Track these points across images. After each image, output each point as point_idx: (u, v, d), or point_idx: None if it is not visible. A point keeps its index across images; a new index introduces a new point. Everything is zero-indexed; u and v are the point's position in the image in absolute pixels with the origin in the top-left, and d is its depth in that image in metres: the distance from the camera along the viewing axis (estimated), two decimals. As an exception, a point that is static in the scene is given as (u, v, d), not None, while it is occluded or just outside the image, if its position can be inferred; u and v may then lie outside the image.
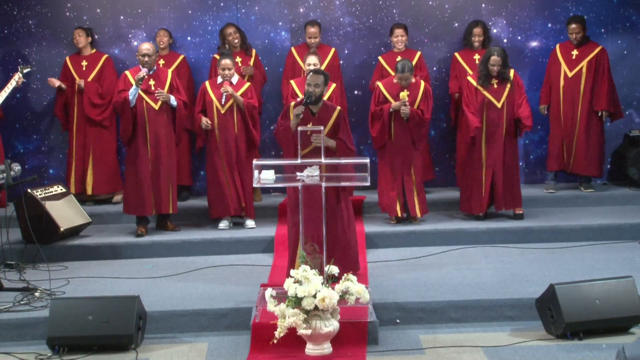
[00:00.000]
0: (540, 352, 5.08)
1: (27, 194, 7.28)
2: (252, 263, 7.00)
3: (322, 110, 6.21)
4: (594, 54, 8.50)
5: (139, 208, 7.54)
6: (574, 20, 8.54)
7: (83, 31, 8.74)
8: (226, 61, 7.67)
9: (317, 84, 6.09)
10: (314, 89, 6.09)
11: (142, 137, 7.46)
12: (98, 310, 5.30)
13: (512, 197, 7.74)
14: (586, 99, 8.51)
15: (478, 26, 8.68)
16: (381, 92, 7.67)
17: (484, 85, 7.61)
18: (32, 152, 9.20)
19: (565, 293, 5.28)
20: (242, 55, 8.60)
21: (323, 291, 5.00)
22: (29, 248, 7.03)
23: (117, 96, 7.50)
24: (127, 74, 7.56)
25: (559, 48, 8.63)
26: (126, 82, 7.49)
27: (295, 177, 5.67)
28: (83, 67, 8.72)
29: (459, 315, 5.69)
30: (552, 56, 8.68)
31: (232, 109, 7.68)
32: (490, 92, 7.61)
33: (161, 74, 7.62)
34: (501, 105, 7.59)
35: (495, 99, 7.60)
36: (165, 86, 7.53)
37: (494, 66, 7.53)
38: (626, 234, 7.43)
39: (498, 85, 7.61)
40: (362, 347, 5.25)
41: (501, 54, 7.53)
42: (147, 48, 7.49)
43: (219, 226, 7.78)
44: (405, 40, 8.58)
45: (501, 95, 7.60)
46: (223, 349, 5.34)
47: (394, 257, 7.03)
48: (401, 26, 8.59)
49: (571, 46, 8.58)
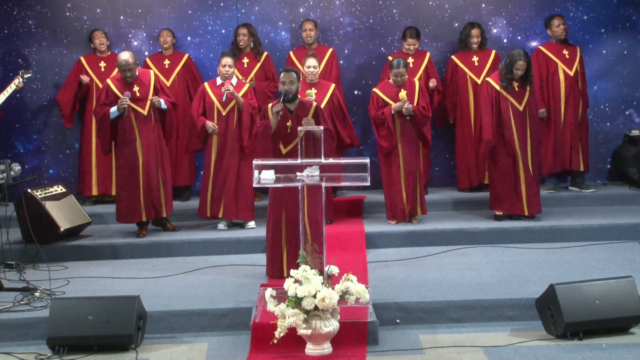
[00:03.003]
0: (540, 352, 5.08)
1: (27, 194, 7.29)
2: (252, 263, 6.99)
3: (299, 107, 6.40)
4: (580, 53, 8.59)
5: (130, 216, 7.50)
6: (556, 16, 8.62)
7: (103, 33, 8.79)
8: (226, 59, 7.67)
9: (292, 81, 6.28)
10: (290, 87, 6.27)
11: (133, 143, 7.39)
12: (98, 310, 5.30)
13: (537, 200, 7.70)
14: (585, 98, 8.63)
15: (475, 27, 8.69)
16: (379, 97, 7.67)
17: (506, 88, 7.58)
18: (32, 152, 9.20)
19: (565, 293, 5.28)
20: (251, 57, 8.61)
21: (323, 291, 5.00)
22: (29, 248, 7.03)
23: (99, 108, 7.38)
24: (109, 84, 7.41)
25: (546, 49, 8.61)
26: (109, 93, 7.36)
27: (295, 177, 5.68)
28: (101, 68, 8.72)
29: (459, 315, 5.69)
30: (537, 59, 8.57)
31: (234, 111, 7.66)
32: (512, 95, 7.57)
33: (144, 78, 7.46)
34: (523, 109, 7.56)
35: (518, 103, 7.57)
36: (150, 89, 7.45)
37: (519, 70, 7.48)
38: (626, 234, 7.43)
39: (519, 88, 7.58)
40: (362, 347, 5.25)
41: (527, 59, 7.48)
42: (127, 61, 7.26)
43: (218, 226, 7.78)
44: (417, 48, 8.63)
45: (522, 98, 7.57)
46: (223, 349, 5.34)
47: (394, 257, 7.03)
48: (414, 34, 8.58)
49: (557, 46, 8.57)
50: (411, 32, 8.61)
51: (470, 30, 8.69)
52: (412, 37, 8.56)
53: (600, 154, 9.21)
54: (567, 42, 8.62)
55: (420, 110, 7.57)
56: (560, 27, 8.54)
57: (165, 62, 8.64)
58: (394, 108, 7.55)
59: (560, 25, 8.54)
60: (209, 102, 7.69)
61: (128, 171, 7.42)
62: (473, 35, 8.66)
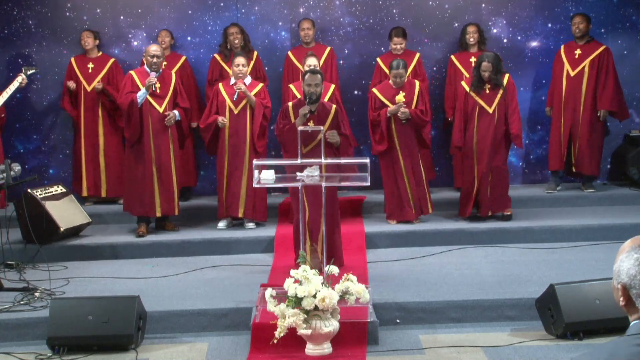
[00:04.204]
0: (540, 352, 5.08)
1: (27, 194, 7.28)
2: (252, 263, 6.99)
3: (320, 109, 6.44)
4: (597, 53, 8.49)
5: (142, 209, 7.52)
6: (578, 14, 8.60)
7: (91, 33, 8.74)
8: (239, 59, 7.67)
9: (317, 83, 6.33)
10: (315, 89, 6.32)
11: (146, 138, 7.45)
12: (98, 310, 5.30)
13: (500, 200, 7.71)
14: (588, 98, 8.50)
15: (472, 25, 8.71)
16: (377, 98, 7.67)
17: (476, 90, 7.60)
18: (32, 152, 9.19)
19: (565, 293, 5.28)
20: None
21: (323, 291, 5.00)
22: (29, 248, 7.04)
23: (124, 97, 7.44)
24: (132, 74, 7.54)
25: (564, 48, 8.63)
26: (133, 83, 7.47)
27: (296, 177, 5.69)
28: (89, 69, 8.70)
29: (459, 315, 5.69)
30: (557, 57, 8.68)
31: (246, 110, 7.66)
32: (482, 98, 7.59)
33: (166, 76, 7.60)
34: (492, 111, 7.57)
35: (487, 105, 7.58)
36: (170, 89, 7.54)
37: (485, 72, 7.50)
38: (626, 234, 7.28)
39: (490, 91, 7.59)
40: (362, 347, 5.25)
41: (493, 60, 7.48)
42: (156, 49, 7.50)
43: (218, 226, 7.78)
44: (404, 47, 8.58)
45: (493, 100, 7.58)
46: (223, 349, 5.34)
47: (394, 257, 7.03)
48: (400, 33, 8.54)
49: (575, 45, 8.58)
50: (397, 31, 8.58)
51: (467, 27, 8.71)
52: (398, 36, 8.51)
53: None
54: (584, 40, 8.55)
55: (418, 114, 7.55)
56: (575, 25, 8.52)
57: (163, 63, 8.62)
58: (390, 111, 7.54)
59: (576, 23, 8.51)
60: (221, 100, 7.69)
61: (141, 165, 7.45)
62: (469, 32, 8.66)
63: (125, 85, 7.54)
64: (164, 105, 7.49)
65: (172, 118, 7.48)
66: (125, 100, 7.41)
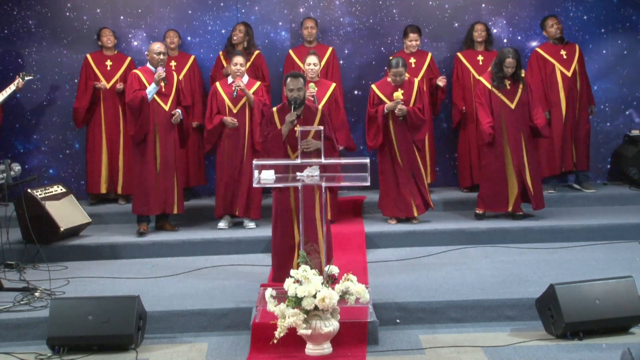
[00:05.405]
0: (540, 352, 5.08)
1: (27, 194, 7.28)
2: (252, 263, 6.99)
3: (306, 112, 6.31)
4: (579, 52, 8.59)
5: (145, 207, 7.54)
6: (551, 16, 8.65)
7: (111, 31, 8.76)
8: (238, 58, 7.69)
9: (299, 87, 6.18)
10: (298, 93, 6.18)
11: (151, 136, 7.47)
12: (98, 310, 5.30)
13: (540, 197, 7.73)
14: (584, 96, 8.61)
15: (479, 23, 8.73)
16: (375, 94, 7.67)
17: (498, 87, 7.59)
18: (32, 152, 9.20)
19: (565, 293, 5.28)
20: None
21: (323, 291, 5.00)
22: (29, 248, 7.03)
23: (134, 95, 7.44)
24: (138, 73, 7.55)
25: (545, 50, 8.60)
26: (140, 81, 7.48)
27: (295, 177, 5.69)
28: (107, 66, 8.71)
29: (459, 315, 5.69)
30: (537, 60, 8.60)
31: (244, 109, 7.67)
32: (504, 94, 7.59)
33: (169, 76, 7.63)
34: (515, 106, 7.58)
35: (509, 101, 7.58)
36: (173, 88, 7.56)
37: (508, 68, 7.50)
38: (626, 234, 7.43)
39: (511, 86, 7.60)
40: (362, 347, 5.25)
41: (515, 56, 7.50)
42: (161, 46, 7.55)
43: (218, 226, 7.78)
44: (418, 44, 8.59)
45: (514, 96, 7.59)
46: (223, 349, 5.34)
47: (394, 257, 7.03)
48: (416, 30, 8.58)
49: (555, 47, 8.57)
50: (412, 27, 8.62)
51: (475, 25, 8.73)
52: (414, 32, 8.55)
53: (600, 154, 9.21)
54: (563, 41, 8.62)
55: (416, 111, 7.55)
56: (554, 26, 8.54)
57: (172, 63, 8.62)
58: (387, 107, 7.54)
59: (554, 25, 8.55)
60: (220, 100, 7.71)
61: (146, 163, 7.46)
62: (477, 30, 8.68)
63: (132, 83, 7.54)
64: (169, 103, 7.53)
65: (179, 116, 7.52)
66: (135, 97, 7.42)
